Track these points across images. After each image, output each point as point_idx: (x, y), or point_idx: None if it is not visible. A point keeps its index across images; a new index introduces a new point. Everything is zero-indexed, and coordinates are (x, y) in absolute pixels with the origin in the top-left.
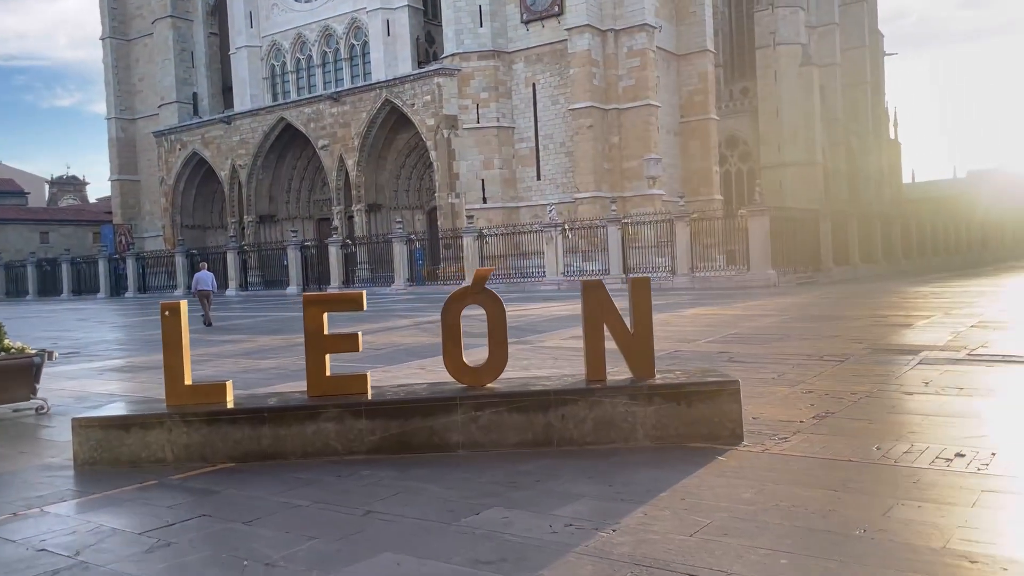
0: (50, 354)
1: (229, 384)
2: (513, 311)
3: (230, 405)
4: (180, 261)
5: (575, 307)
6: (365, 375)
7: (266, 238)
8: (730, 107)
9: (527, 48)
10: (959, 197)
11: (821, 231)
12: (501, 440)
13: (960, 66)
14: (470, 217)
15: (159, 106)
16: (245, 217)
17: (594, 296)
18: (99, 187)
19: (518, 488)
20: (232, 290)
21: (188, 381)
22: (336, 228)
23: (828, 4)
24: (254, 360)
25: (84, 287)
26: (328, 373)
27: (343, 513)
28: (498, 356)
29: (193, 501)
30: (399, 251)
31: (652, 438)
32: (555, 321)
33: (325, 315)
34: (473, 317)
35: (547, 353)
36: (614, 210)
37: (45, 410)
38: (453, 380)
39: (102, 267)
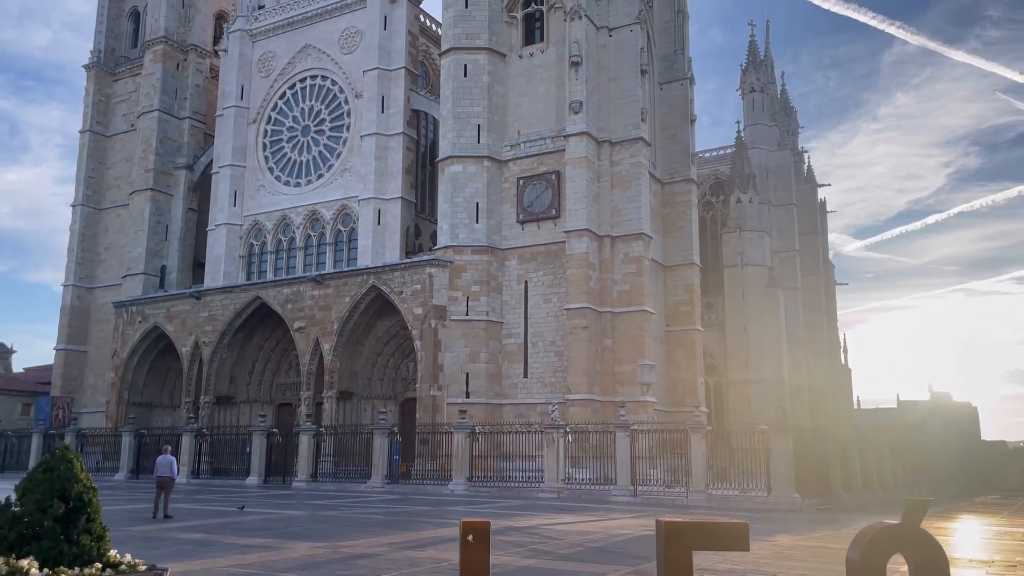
0: (163, 570)
1: None
2: (552, 524)
3: None
4: (127, 442)
5: (627, 522)
6: None
7: (220, 422)
8: None
9: (521, 246)
10: (906, 426)
11: (830, 453)
12: None
13: (879, 300)
14: (463, 411)
15: (123, 276)
16: (202, 398)
17: None
18: (26, 356)
19: None
20: (183, 477)
21: None
22: (310, 415)
23: (789, 232)
24: None
25: (10, 463)
26: None
27: None
28: None
29: None
30: (379, 444)
31: None
32: (644, 543)
33: (693, 554)
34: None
35: None
36: (623, 415)
37: None
38: None
39: (35, 443)
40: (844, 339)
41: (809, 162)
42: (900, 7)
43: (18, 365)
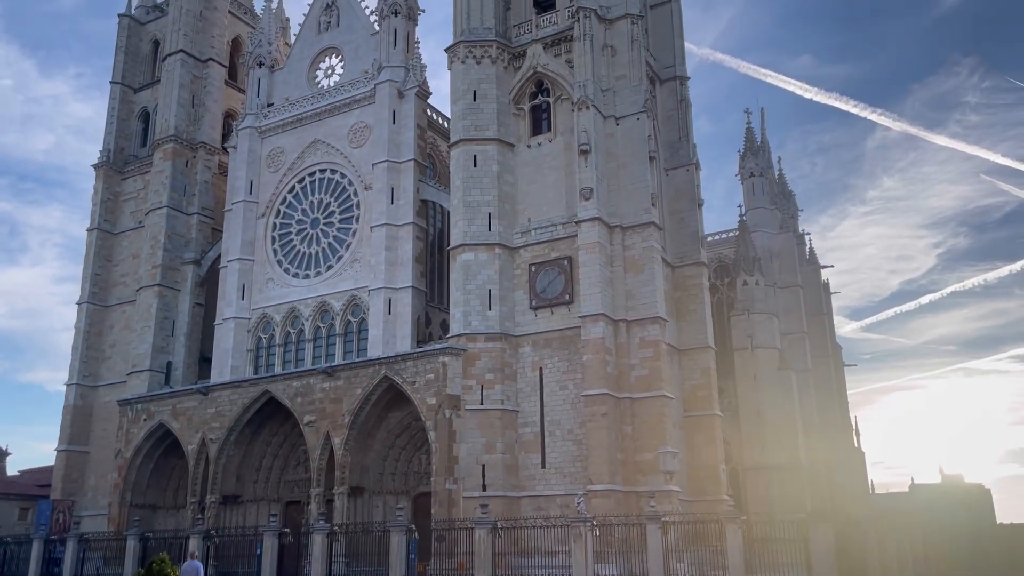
0: None
1: None
2: None
3: None
4: (132, 546)
5: None
6: None
7: (226, 522)
8: None
9: (535, 333)
10: (920, 511)
11: (868, 545)
12: None
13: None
14: (484, 505)
15: (128, 374)
16: (208, 497)
17: None
18: (19, 458)
19: None
20: None
21: None
22: (323, 513)
23: (796, 314)
24: None
25: (8, 571)
26: None
27: None
28: None
29: None
30: (397, 543)
31: None
32: None
33: None
34: None
35: None
36: (653, 506)
37: None
38: None
39: (36, 549)
40: (855, 422)
41: (810, 244)
42: (880, 95)
43: (12, 467)
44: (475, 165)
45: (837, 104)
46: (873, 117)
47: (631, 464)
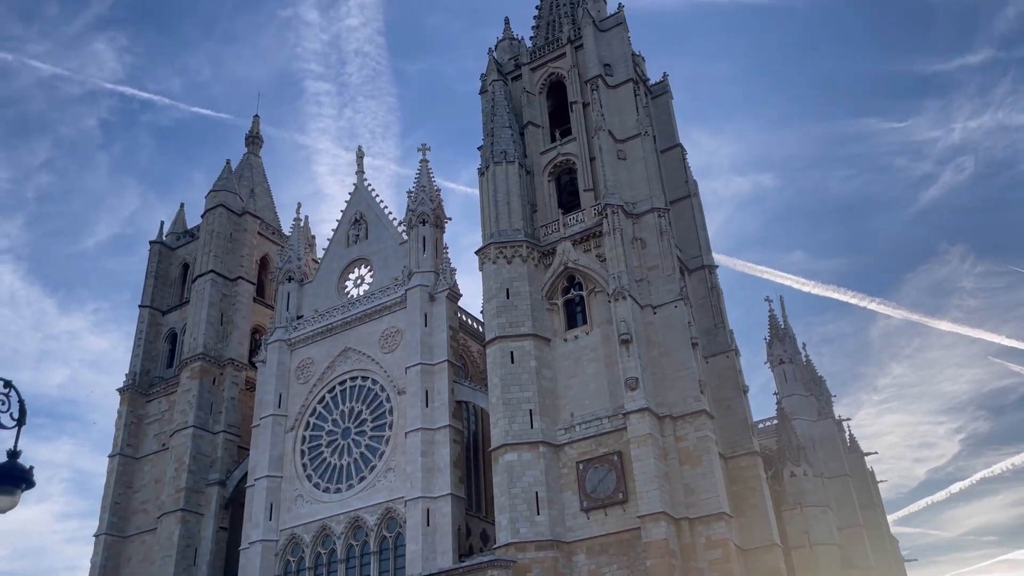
0: None
1: None
2: None
3: None
4: None
5: None
6: None
7: None
8: None
9: (589, 537)
10: None
11: None
12: None
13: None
14: None
15: None
16: None
17: None
18: None
19: None
20: None
21: None
22: None
23: (849, 505)
24: None
25: None
26: None
27: None
28: None
29: None
30: None
31: None
32: None
33: None
34: None
35: None
36: None
37: None
38: None
39: None
40: None
41: (850, 430)
42: (876, 286)
43: None
44: (512, 361)
45: (835, 295)
46: (872, 306)
47: None
